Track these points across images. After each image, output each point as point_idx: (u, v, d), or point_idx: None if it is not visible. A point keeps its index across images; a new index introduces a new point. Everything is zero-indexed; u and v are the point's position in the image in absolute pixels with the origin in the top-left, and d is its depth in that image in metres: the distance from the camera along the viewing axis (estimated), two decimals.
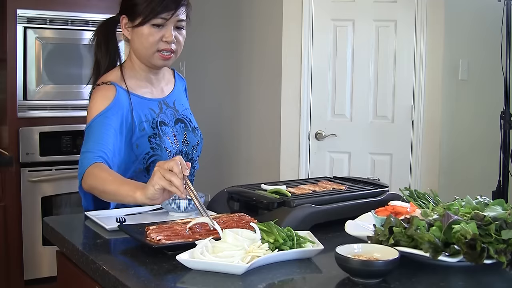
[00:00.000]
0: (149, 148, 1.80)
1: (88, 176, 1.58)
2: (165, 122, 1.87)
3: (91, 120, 1.72)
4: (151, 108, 1.85)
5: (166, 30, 1.77)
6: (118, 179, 1.54)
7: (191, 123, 1.98)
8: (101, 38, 1.88)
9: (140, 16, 1.76)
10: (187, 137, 1.93)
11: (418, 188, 2.54)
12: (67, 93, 3.39)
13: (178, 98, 1.98)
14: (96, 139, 1.67)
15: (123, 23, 1.83)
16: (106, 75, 1.84)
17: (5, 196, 3.26)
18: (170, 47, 1.79)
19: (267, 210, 1.61)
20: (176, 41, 1.80)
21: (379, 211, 1.52)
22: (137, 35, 1.79)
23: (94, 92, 1.79)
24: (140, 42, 1.79)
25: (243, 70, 4.01)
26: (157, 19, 1.75)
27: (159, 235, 1.37)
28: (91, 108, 1.75)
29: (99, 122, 1.70)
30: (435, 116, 3.54)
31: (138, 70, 1.87)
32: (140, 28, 1.77)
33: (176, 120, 1.92)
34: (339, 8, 3.58)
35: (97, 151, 1.63)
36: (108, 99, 1.75)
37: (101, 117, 1.71)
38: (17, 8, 3.20)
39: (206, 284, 1.17)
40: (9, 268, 3.28)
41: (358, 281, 1.16)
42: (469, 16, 3.61)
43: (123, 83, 1.81)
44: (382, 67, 3.57)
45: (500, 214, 1.27)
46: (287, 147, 3.66)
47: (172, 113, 1.92)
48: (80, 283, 1.44)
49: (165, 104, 1.91)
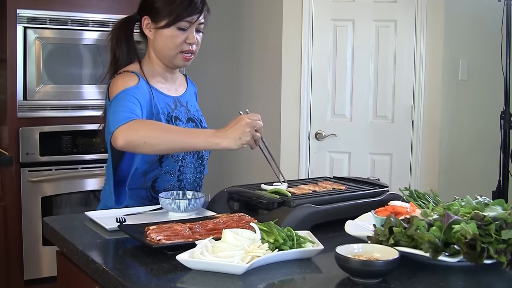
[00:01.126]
0: None
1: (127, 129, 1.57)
2: (179, 118, 1.91)
3: (117, 94, 1.71)
4: (167, 103, 1.89)
5: (189, 32, 1.84)
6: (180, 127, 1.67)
7: (201, 123, 2.02)
8: (121, 36, 1.91)
9: (165, 18, 1.81)
10: None
11: (418, 188, 2.54)
12: (67, 93, 3.38)
13: (190, 100, 2.03)
14: (126, 106, 1.67)
15: (145, 23, 1.87)
16: (126, 67, 1.87)
17: (5, 196, 3.25)
18: (192, 48, 1.87)
19: (267, 210, 1.61)
20: (196, 43, 1.89)
21: (379, 211, 1.52)
22: (161, 36, 1.84)
23: (115, 79, 1.81)
24: (164, 43, 1.84)
25: (243, 70, 4.01)
26: (183, 23, 1.82)
27: (159, 235, 1.37)
28: (115, 88, 1.74)
29: (125, 94, 1.71)
30: (435, 116, 3.54)
31: (156, 68, 1.91)
32: (165, 30, 1.83)
33: (188, 119, 1.96)
34: (339, 8, 3.58)
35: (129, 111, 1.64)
36: (132, 81, 1.78)
37: (127, 91, 1.72)
38: (17, 8, 3.20)
39: (206, 284, 1.17)
40: (9, 268, 3.28)
41: (358, 281, 1.16)
42: (469, 16, 3.61)
43: (143, 75, 1.85)
44: (382, 67, 3.57)
45: (500, 214, 1.27)
46: (287, 147, 3.66)
47: (185, 111, 1.96)
48: (80, 283, 1.44)
49: (179, 102, 1.95)
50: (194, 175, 1.95)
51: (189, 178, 1.93)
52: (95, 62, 3.44)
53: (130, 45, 1.92)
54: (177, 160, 1.86)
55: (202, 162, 1.99)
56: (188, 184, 1.92)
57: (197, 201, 1.69)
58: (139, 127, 1.59)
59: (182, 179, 1.90)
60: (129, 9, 3.40)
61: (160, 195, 1.71)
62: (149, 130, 1.59)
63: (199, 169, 1.97)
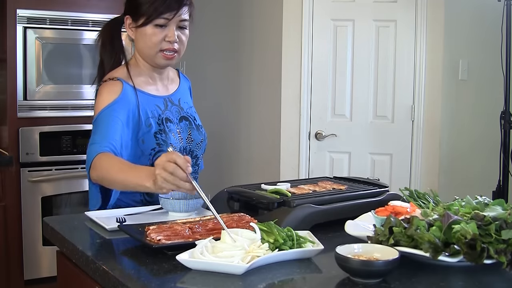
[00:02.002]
0: (155, 144, 1.82)
1: (96, 166, 1.60)
2: (170, 119, 1.89)
3: (98, 113, 1.73)
4: (157, 105, 1.88)
5: (168, 30, 1.79)
6: (125, 167, 1.56)
7: (195, 121, 2.00)
8: (106, 38, 1.91)
9: (143, 16, 1.78)
10: (191, 134, 1.95)
11: (418, 188, 2.54)
12: (67, 93, 3.38)
13: (183, 97, 2.01)
14: (103, 131, 1.69)
15: (127, 23, 1.86)
16: (113, 72, 1.86)
17: (5, 196, 3.26)
18: (173, 46, 1.81)
19: (267, 210, 1.61)
20: (179, 41, 1.83)
21: (379, 211, 1.52)
22: (141, 35, 1.82)
23: (101, 88, 1.81)
24: (144, 42, 1.82)
25: (243, 71, 4.01)
26: (159, 19, 1.78)
27: (159, 235, 1.37)
28: (98, 103, 1.77)
29: (106, 114, 1.72)
30: (435, 116, 3.54)
31: (143, 68, 1.89)
32: (144, 28, 1.80)
33: (180, 118, 1.94)
34: (339, 8, 3.58)
35: (104, 142, 1.65)
36: (115, 93, 1.77)
37: (108, 109, 1.73)
38: (17, 8, 3.20)
39: (206, 284, 1.17)
40: (9, 268, 3.28)
41: (358, 281, 1.16)
42: (469, 16, 3.61)
43: (130, 80, 1.84)
44: (382, 67, 3.57)
45: (500, 214, 1.27)
46: (287, 147, 3.66)
47: (177, 110, 1.94)
48: (80, 283, 1.44)
49: (170, 102, 1.93)
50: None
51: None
52: (95, 62, 3.37)
53: (115, 47, 1.91)
54: None
55: (197, 161, 1.98)
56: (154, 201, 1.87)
57: (197, 201, 1.68)
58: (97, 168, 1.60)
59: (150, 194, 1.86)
60: None
61: (160, 195, 1.71)
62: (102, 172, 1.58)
63: (194, 168, 1.96)
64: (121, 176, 1.53)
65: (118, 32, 1.92)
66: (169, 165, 1.36)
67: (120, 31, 1.92)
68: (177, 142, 1.88)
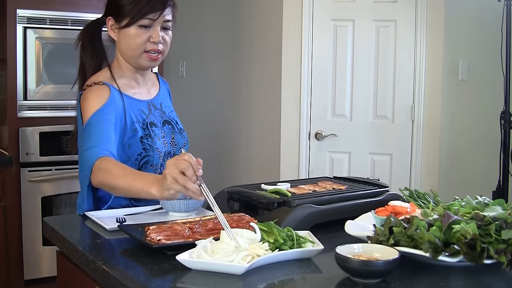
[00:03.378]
0: (141, 149, 1.80)
1: (97, 171, 1.57)
2: (155, 123, 1.88)
3: (90, 118, 1.70)
4: (141, 109, 1.86)
5: (153, 30, 1.78)
6: (130, 173, 1.53)
7: (177, 124, 1.98)
8: (86, 40, 1.88)
9: (126, 17, 1.76)
10: (174, 138, 1.94)
11: (418, 188, 2.54)
12: (67, 93, 3.37)
13: (164, 100, 1.99)
14: (98, 135, 1.66)
15: (109, 24, 1.83)
16: (96, 76, 1.83)
17: (5, 196, 3.26)
18: (157, 47, 1.80)
19: (267, 210, 1.61)
20: (163, 42, 1.81)
21: (379, 211, 1.52)
22: (124, 36, 1.79)
23: (87, 92, 1.77)
24: (127, 43, 1.79)
25: (243, 70, 4.01)
26: (144, 20, 1.76)
27: (159, 235, 1.37)
28: (87, 108, 1.73)
29: (98, 118, 1.69)
30: (435, 116, 3.54)
31: (125, 71, 1.87)
32: (127, 29, 1.78)
33: (163, 122, 1.93)
34: (339, 8, 3.58)
35: (101, 145, 1.62)
36: (103, 97, 1.74)
37: (99, 113, 1.70)
38: (17, 8, 3.20)
39: (206, 284, 1.17)
40: (9, 268, 3.28)
41: (358, 281, 1.16)
42: (469, 16, 3.61)
43: (114, 83, 1.81)
44: (382, 67, 3.57)
45: (500, 214, 1.27)
46: (287, 147, 3.66)
47: (160, 114, 1.93)
48: (80, 283, 1.44)
49: (153, 106, 1.92)
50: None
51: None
52: None
53: (95, 48, 1.87)
54: (156, 168, 1.83)
55: None
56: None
57: (197, 201, 1.68)
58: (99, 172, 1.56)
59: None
60: None
61: None
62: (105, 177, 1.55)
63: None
64: (125, 182, 1.49)
65: (99, 34, 1.89)
66: (182, 162, 1.33)
67: (100, 33, 1.89)
68: (162, 146, 1.86)
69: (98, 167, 1.57)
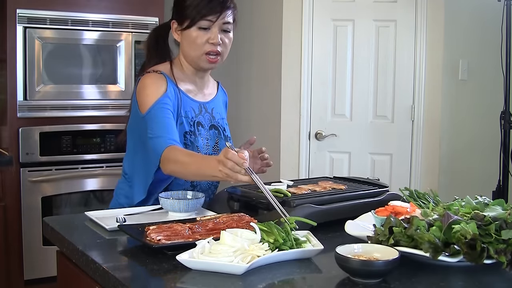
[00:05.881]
0: (183, 144, 1.83)
1: (167, 161, 1.66)
2: (202, 124, 1.92)
3: (151, 106, 1.76)
4: (192, 107, 1.90)
5: (211, 32, 1.82)
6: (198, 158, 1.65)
7: (224, 131, 2.03)
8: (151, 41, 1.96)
9: (187, 19, 1.82)
10: (218, 143, 1.97)
11: (418, 188, 2.54)
12: (67, 93, 3.38)
13: (216, 107, 2.03)
14: (162, 124, 1.73)
15: (174, 27, 1.89)
16: (156, 66, 1.89)
17: (5, 196, 3.25)
18: (216, 49, 1.84)
19: (267, 210, 1.61)
20: (222, 43, 1.85)
21: (379, 211, 1.52)
22: (185, 38, 1.85)
23: (145, 78, 1.83)
24: (188, 45, 1.85)
25: (243, 70, 4.01)
26: (203, 22, 1.81)
27: (159, 235, 1.37)
28: (146, 95, 1.79)
29: (160, 108, 1.76)
30: (435, 116, 3.54)
31: (185, 71, 1.92)
32: (188, 31, 1.83)
33: (210, 126, 1.96)
34: (339, 8, 3.58)
35: (167, 135, 1.70)
36: (162, 86, 1.81)
37: (160, 103, 1.77)
38: (17, 8, 3.19)
39: (206, 284, 1.17)
40: (9, 268, 3.28)
41: (358, 281, 1.16)
42: (469, 16, 3.61)
43: (172, 77, 1.87)
44: (382, 67, 3.57)
45: (500, 214, 1.27)
46: (287, 147, 3.66)
47: (209, 118, 1.97)
48: (80, 283, 1.44)
49: (204, 108, 1.96)
50: (210, 183, 1.95)
51: (203, 184, 1.93)
52: (95, 62, 3.44)
53: (159, 49, 1.95)
54: None
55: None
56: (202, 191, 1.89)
57: (197, 201, 1.69)
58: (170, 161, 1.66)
59: (196, 185, 1.90)
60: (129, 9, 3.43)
61: (160, 195, 1.71)
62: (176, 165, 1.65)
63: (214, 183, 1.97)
64: (195, 168, 1.61)
65: (164, 36, 1.96)
66: (227, 162, 1.44)
67: (166, 36, 1.96)
68: (204, 147, 1.89)
69: (167, 157, 1.66)
